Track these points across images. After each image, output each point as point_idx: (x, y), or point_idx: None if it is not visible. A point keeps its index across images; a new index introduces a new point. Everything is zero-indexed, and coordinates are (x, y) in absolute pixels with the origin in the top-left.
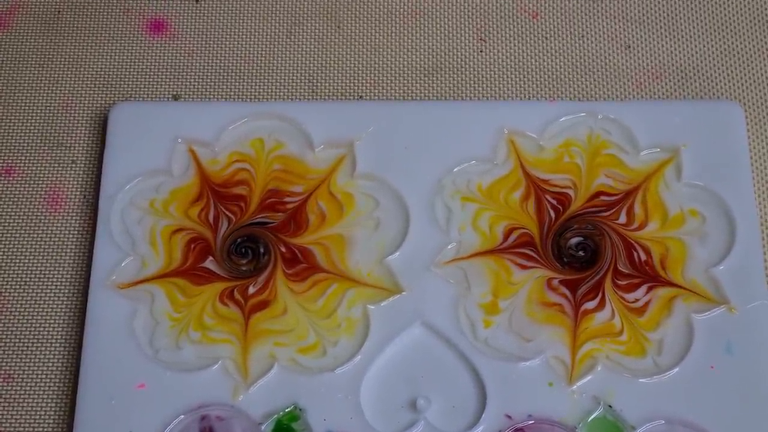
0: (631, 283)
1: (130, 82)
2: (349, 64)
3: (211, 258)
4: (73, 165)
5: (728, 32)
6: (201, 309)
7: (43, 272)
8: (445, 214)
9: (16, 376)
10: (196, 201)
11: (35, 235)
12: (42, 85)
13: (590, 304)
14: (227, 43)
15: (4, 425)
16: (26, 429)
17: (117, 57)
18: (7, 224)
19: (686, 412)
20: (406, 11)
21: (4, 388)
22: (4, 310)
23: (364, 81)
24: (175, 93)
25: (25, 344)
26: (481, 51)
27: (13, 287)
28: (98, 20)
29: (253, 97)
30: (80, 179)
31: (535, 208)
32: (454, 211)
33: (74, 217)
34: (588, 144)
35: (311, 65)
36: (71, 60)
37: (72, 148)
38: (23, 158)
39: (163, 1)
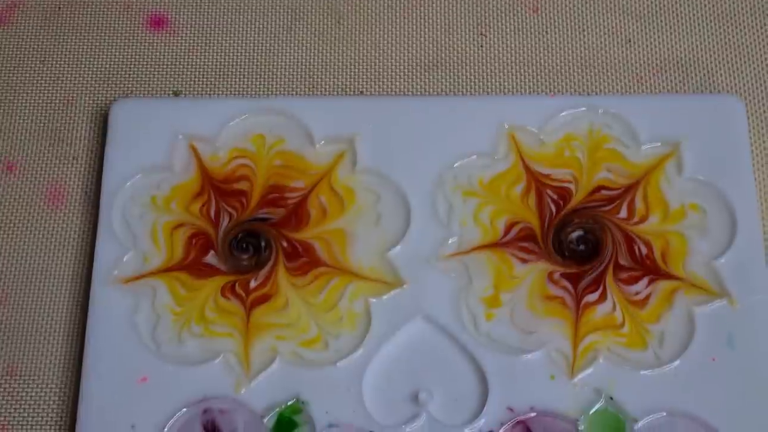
0: (632, 276)
1: (131, 78)
2: (350, 59)
3: (212, 253)
4: (74, 161)
5: (729, 25)
6: (203, 303)
7: (45, 267)
8: (446, 208)
9: (19, 370)
10: (198, 196)
11: (37, 231)
12: (43, 81)
13: (591, 297)
14: (228, 38)
15: (7, 419)
16: (29, 423)
17: (117, 53)
18: (8, 220)
19: (687, 405)
20: (406, 6)
21: (8, 381)
22: (7, 304)
23: (364, 76)
24: (175, 89)
25: (28, 339)
26: (481, 46)
27: (16, 282)
28: (98, 16)
29: (253, 92)
30: (81, 175)
31: (536, 203)
32: (455, 206)
33: (76, 213)
34: (589, 138)
35: (311, 60)
36: (72, 56)
37: (73, 145)
38: (24, 154)
39: None
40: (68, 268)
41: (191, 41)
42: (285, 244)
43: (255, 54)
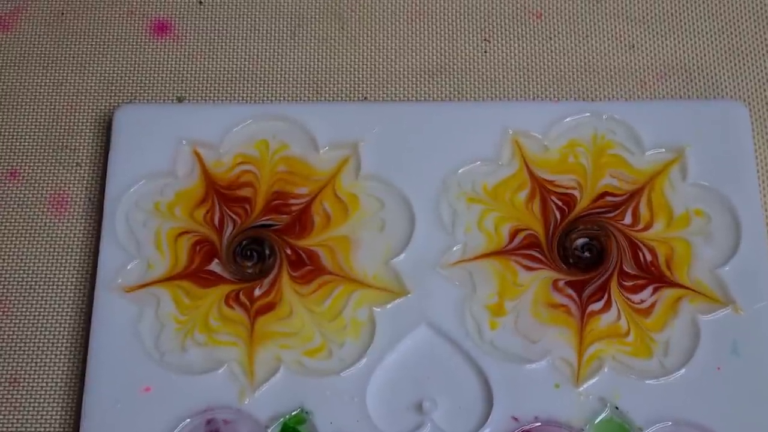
0: (636, 284)
1: (135, 84)
2: (354, 65)
3: (216, 260)
4: (78, 167)
5: (732, 31)
6: (207, 312)
7: (48, 275)
8: (451, 215)
9: (21, 379)
10: (201, 203)
11: (40, 238)
12: (46, 87)
13: (596, 306)
14: (231, 44)
15: (10, 428)
16: None
17: (121, 59)
18: (12, 227)
19: (693, 414)
20: (410, 12)
21: (10, 391)
22: (10, 313)
23: (368, 82)
24: (179, 95)
25: (31, 348)
26: (485, 51)
27: (19, 290)
28: (102, 22)
29: (257, 98)
30: (85, 182)
31: (541, 209)
32: (460, 212)
33: (79, 220)
34: (593, 144)
35: (315, 66)
36: (75, 62)
37: (77, 151)
38: (28, 161)
39: (166, 3)
40: (72, 276)
41: (195, 47)
42: (289, 251)
43: (259, 60)
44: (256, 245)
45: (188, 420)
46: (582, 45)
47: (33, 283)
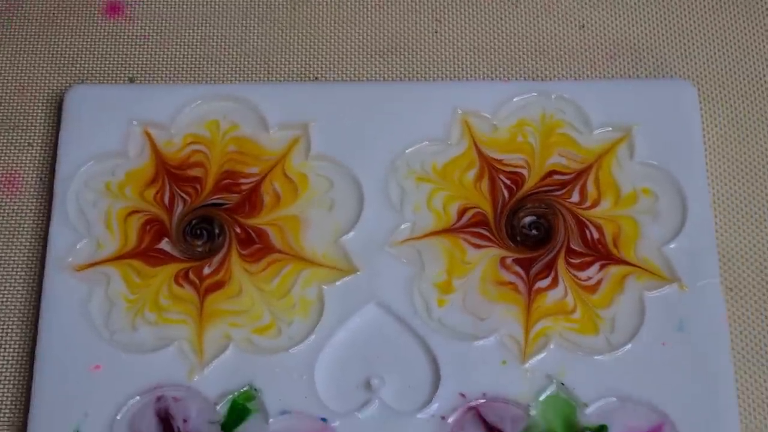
0: (583, 261)
1: (86, 65)
2: (305, 45)
3: (166, 239)
4: (29, 147)
5: (682, 11)
6: (156, 290)
7: None
8: (399, 194)
9: None
10: (152, 183)
11: None
12: None
13: (543, 283)
14: (183, 25)
15: None
16: None
17: (73, 39)
18: None
19: (638, 389)
20: None
21: None
22: None
23: (319, 62)
24: (130, 75)
25: None
26: (436, 31)
27: None
28: (54, 2)
29: (208, 79)
30: (36, 161)
31: (489, 188)
32: (408, 192)
33: (30, 199)
34: (541, 124)
35: (266, 47)
36: (27, 42)
37: (28, 131)
38: None
39: None
40: (22, 255)
41: (147, 28)
42: (238, 230)
43: (210, 40)
44: (205, 224)
45: (138, 397)
46: (532, 25)
47: None
